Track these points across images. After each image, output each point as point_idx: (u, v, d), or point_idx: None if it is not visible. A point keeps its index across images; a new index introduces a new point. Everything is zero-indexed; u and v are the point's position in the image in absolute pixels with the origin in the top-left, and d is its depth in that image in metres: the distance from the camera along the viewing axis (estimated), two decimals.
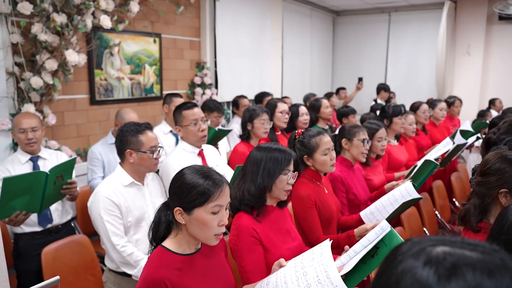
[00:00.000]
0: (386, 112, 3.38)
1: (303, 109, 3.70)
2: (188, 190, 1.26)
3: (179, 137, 2.65)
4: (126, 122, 2.28)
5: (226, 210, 1.32)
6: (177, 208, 1.27)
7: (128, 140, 2.06)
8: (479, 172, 1.59)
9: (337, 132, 2.71)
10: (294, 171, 1.70)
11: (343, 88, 7.07)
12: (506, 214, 1.24)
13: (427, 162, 2.65)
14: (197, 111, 2.51)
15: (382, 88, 6.51)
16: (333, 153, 2.16)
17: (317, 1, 7.00)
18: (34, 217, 2.47)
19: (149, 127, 2.17)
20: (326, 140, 2.13)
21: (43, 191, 2.16)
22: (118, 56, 3.88)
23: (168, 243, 1.31)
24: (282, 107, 3.34)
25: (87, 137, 3.70)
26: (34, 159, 2.58)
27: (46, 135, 3.24)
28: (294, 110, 3.66)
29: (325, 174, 2.29)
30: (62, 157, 2.72)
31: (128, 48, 3.98)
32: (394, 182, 2.63)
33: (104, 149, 3.01)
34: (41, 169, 2.56)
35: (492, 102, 6.06)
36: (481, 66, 6.69)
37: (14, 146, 2.95)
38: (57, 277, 1.34)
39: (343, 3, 7.18)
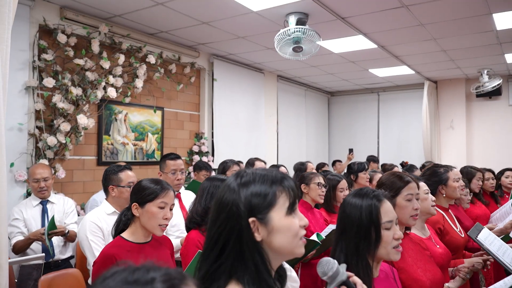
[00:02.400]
0: (352, 168, 3.82)
1: (282, 169, 4.17)
2: (143, 190, 1.74)
3: None
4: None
5: (171, 211, 1.77)
6: (134, 203, 1.74)
7: (110, 177, 2.56)
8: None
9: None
10: None
11: (339, 161, 7.55)
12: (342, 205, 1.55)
13: None
14: (178, 163, 3.02)
15: (371, 159, 6.98)
16: None
17: (311, 83, 7.80)
18: (39, 250, 2.90)
19: (127, 167, 2.67)
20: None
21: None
22: (124, 124, 4.53)
23: (124, 234, 1.76)
24: (259, 164, 3.83)
25: (92, 193, 4.19)
26: (44, 203, 3.08)
27: (55, 188, 3.76)
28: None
29: None
30: (68, 202, 3.22)
31: (134, 118, 4.64)
32: None
33: (102, 198, 3.50)
34: (49, 211, 3.06)
35: None
36: (465, 138, 7.16)
37: (28, 195, 3.47)
38: (43, 254, 1.76)
39: (335, 85, 7.96)
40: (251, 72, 6.27)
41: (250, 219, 0.98)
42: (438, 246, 2.27)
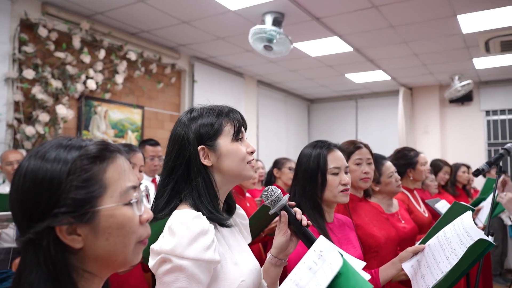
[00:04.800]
0: None
1: (259, 164, 4.26)
2: None
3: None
4: None
5: (141, 173, 1.85)
6: None
7: None
8: None
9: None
10: None
11: None
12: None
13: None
14: (157, 149, 3.11)
15: None
16: None
17: (291, 89, 7.98)
18: (12, 233, 2.92)
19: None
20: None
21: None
22: (104, 121, 4.58)
23: None
24: None
25: None
26: None
27: None
28: None
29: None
30: None
31: (114, 115, 4.70)
32: None
33: None
34: None
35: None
36: (439, 143, 7.39)
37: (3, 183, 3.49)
38: (9, 212, 1.81)
39: (314, 91, 8.16)
40: (231, 76, 6.41)
41: (199, 147, 1.11)
42: (403, 222, 2.39)
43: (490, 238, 1.98)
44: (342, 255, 0.95)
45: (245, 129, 1.20)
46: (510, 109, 7.02)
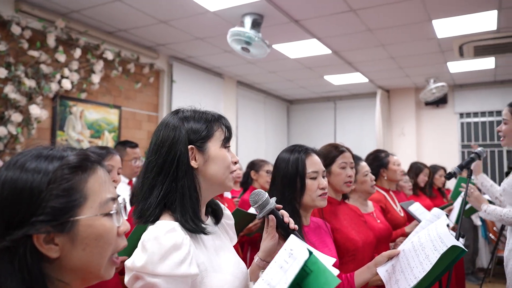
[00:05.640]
0: None
1: (237, 166, 4.26)
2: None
3: None
4: None
5: (119, 175, 1.82)
6: None
7: None
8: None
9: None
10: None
11: None
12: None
13: None
14: (138, 151, 3.08)
15: None
16: None
17: (270, 91, 8.01)
18: None
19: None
20: None
21: None
22: (80, 121, 4.50)
23: None
24: None
25: None
26: None
27: None
28: None
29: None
30: None
31: (90, 116, 4.61)
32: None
33: None
34: None
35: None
36: (415, 144, 7.55)
37: None
38: None
39: (293, 92, 8.21)
40: (210, 76, 6.38)
41: (189, 146, 1.09)
42: (379, 221, 2.43)
43: (461, 240, 2.04)
44: (311, 252, 0.95)
45: (231, 139, 1.20)
46: (483, 112, 7.23)
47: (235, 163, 1.17)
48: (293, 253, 0.96)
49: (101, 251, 0.74)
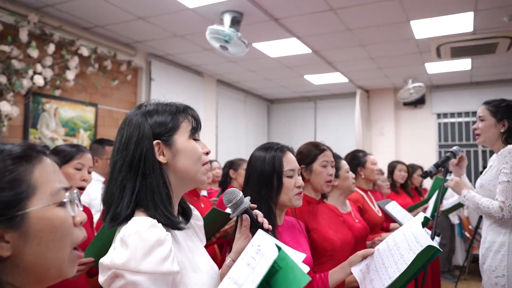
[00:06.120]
0: None
1: (215, 164, 4.21)
2: (57, 153, 1.72)
3: None
4: None
5: (90, 174, 1.76)
6: None
7: None
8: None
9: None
10: None
11: None
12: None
13: None
14: None
15: None
16: None
17: (251, 89, 7.97)
18: None
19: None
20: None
21: None
22: (54, 119, 4.37)
23: None
24: None
25: None
26: None
27: None
28: None
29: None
30: None
31: (65, 113, 4.49)
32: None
33: None
34: None
35: None
36: (394, 144, 7.63)
37: None
38: None
39: (274, 92, 8.19)
40: (190, 74, 6.31)
41: (155, 141, 1.04)
42: (357, 221, 2.42)
43: (437, 239, 2.04)
44: (280, 248, 0.91)
45: (200, 130, 1.15)
46: (459, 112, 7.36)
47: (207, 153, 1.13)
48: (261, 249, 0.92)
49: (59, 244, 0.69)
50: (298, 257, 1.03)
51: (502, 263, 2.06)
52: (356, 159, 2.94)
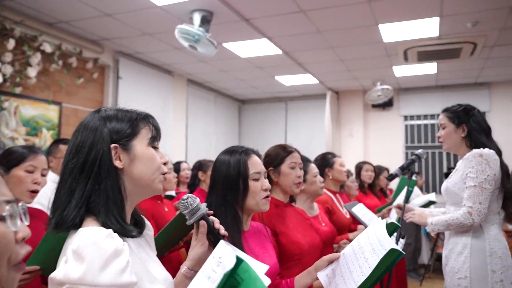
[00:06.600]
0: None
1: (184, 165, 4.14)
2: (8, 154, 1.62)
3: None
4: None
5: (44, 177, 1.67)
6: None
7: None
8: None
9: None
10: None
11: None
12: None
13: None
14: None
15: None
16: None
17: (222, 89, 7.92)
18: None
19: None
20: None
21: None
22: (15, 118, 4.18)
23: None
24: None
25: None
26: None
27: None
28: (176, 167, 4.10)
29: None
30: None
31: (26, 112, 4.31)
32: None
33: None
34: None
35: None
36: (362, 146, 7.76)
37: None
38: None
39: (245, 92, 8.17)
40: (159, 73, 6.19)
41: (112, 145, 1.00)
42: (323, 224, 2.42)
43: (402, 241, 2.06)
44: (243, 260, 0.87)
45: (159, 140, 1.12)
46: (425, 115, 7.56)
47: (165, 163, 1.10)
48: (222, 262, 0.89)
49: None
50: (261, 269, 1.00)
51: (464, 265, 2.10)
52: (325, 161, 2.96)
